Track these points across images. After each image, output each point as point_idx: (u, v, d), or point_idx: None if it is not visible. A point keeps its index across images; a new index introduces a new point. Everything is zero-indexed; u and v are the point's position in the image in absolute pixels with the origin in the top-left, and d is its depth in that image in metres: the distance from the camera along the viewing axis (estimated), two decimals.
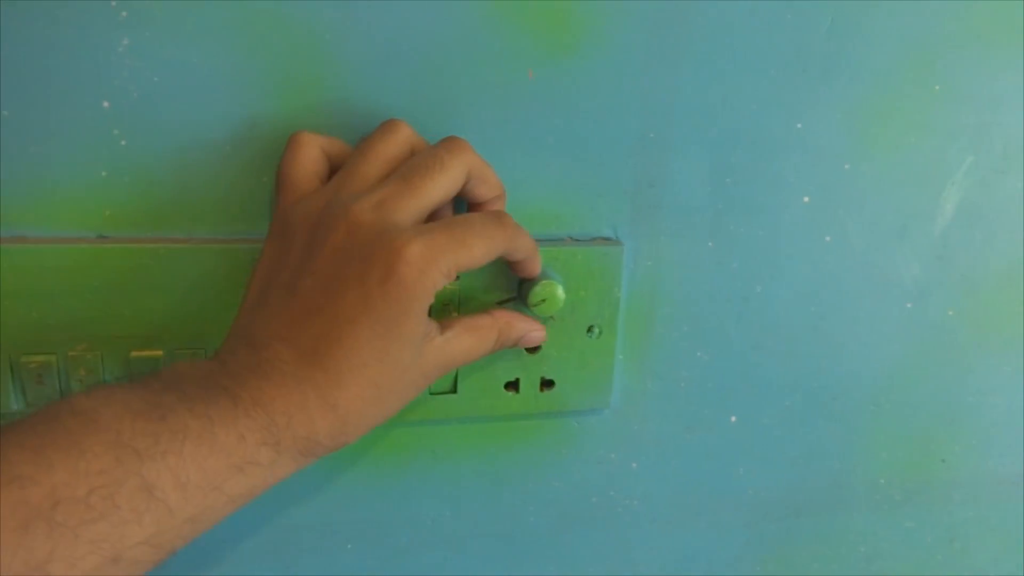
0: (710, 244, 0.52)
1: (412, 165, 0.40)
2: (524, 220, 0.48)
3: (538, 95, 0.46)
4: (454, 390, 0.50)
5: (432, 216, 0.42)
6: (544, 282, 0.46)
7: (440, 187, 0.40)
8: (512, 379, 0.50)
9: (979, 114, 0.53)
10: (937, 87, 0.52)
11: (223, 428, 0.35)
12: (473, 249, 0.39)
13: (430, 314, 0.40)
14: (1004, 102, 0.54)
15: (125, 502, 0.32)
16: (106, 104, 0.42)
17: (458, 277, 0.45)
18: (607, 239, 0.50)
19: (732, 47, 0.48)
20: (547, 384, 0.51)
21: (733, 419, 0.57)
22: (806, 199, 0.52)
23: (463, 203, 0.45)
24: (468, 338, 0.42)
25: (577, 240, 0.50)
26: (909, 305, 0.57)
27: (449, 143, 0.41)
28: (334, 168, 0.43)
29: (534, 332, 0.46)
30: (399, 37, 0.44)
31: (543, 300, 0.46)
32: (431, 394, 0.50)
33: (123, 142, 0.42)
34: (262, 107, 0.43)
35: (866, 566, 0.64)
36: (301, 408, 0.37)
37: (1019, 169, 0.55)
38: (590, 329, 0.50)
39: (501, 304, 0.47)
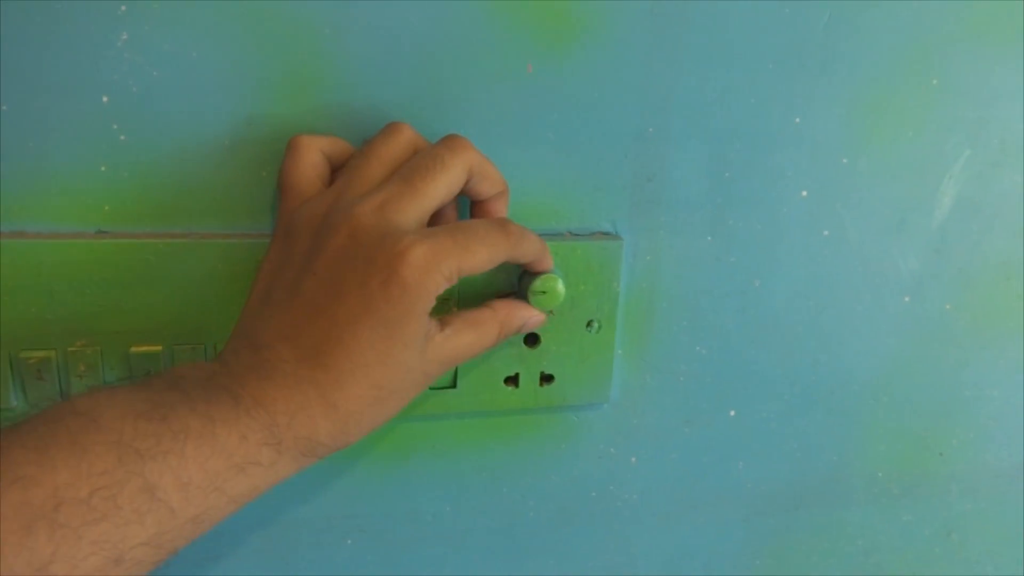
0: (709, 238, 0.52)
1: (413, 165, 0.40)
2: (523, 215, 0.48)
3: (537, 90, 0.46)
4: (454, 385, 0.50)
5: (436, 215, 0.42)
6: (544, 276, 0.46)
7: (442, 186, 0.40)
8: (512, 374, 0.50)
9: (977, 108, 0.54)
10: (935, 81, 0.52)
11: (224, 428, 0.35)
12: (476, 255, 0.39)
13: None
14: (1002, 96, 0.54)
15: (127, 503, 0.32)
16: (105, 99, 0.41)
17: None
18: (606, 234, 0.50)
19: (730, 42, 0.48)
20: (546, 379, 0.51)
21: (732, 413, 0.57)
22: (804, 193, 0.53)
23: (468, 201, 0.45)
24: (469, 333, 0.42)
25: (576, 235, 0.50)
26: (907, 299, 0.57)
27: (449, 141, 0.41)
28: (335, 168, 0.43)
29: (534, 318, 0.46)
30: (398, 32, 0.44)
31: (543, 293, 0.46)
32: (431, 389, 0.50)
33: (122, 137, 0.42)
34: (261, 102, 0.43)
35: (864, 559, 0.64)
36: (302, 408, 0.37)
37: (1016, 163, 0.55)
38: (589, 323, 0.50)
39: (500, 297, 0.47)
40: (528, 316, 0.46)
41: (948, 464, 0.63)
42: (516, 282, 0.48)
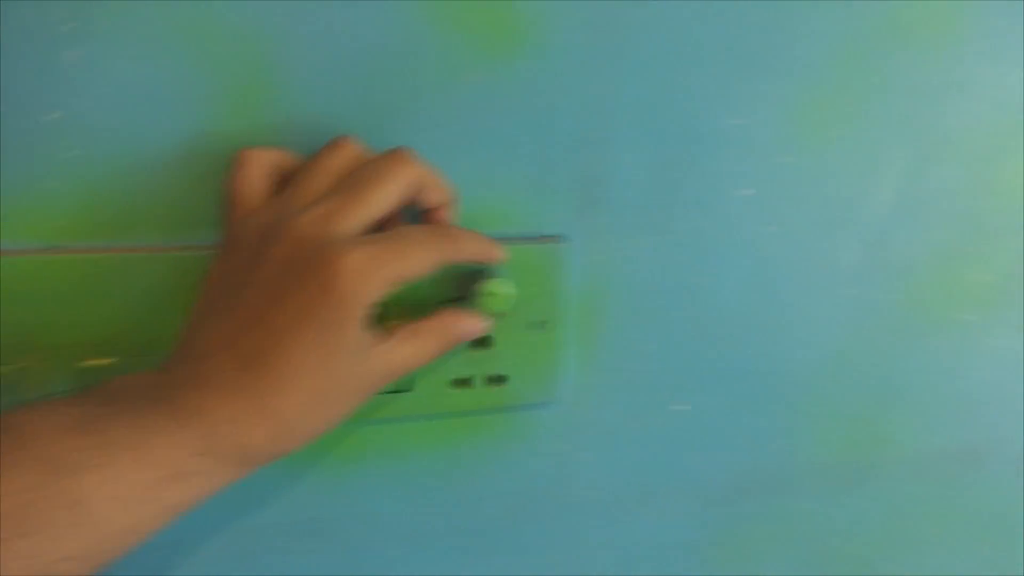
0: (656, 238, 0.53)
1: (355, 177, 0.41)
2: (470, 220, 0.49)
3: (481, 96, 0.47)
4: (408, 388, 0.50)
5: (383, 226, 0.42)
6: (492, 280, 0.46)
7: (384, 197, 0.41)
8: (464, 376, 0.51)
9: (915, 105, 0.55)
10: (874, 79, 0.53)
11: (160, 439, 0.35)
12: (413, 260, 0.40)
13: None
14: (939, 93, 0.55)
15: (54, 517, 0.32)
16: (55, 115, 0.42)
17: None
18: (553, 236, 0.51)
19: (670, 44, 0.49)
20: (498, 380, 0.52)
21: (681, 407, 0.58)
22: (748, 191, 0.54)
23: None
24: (411, 344, 0.43)
25: (524, 238, 0.50)
26: (851, 291, 0.58)
27: (393, 153, 0.42)
28: (282, 181, 0.44)
29: (477, 326, 0.46)
30: (342, 43, 0.44)
31: (492, 295, 0.46)
32: (385, 393, 0.50)
33: (70, 153, 0.42)
34: (208, 117, 0.44)
35: (818, 545, 0.65)
36: (240, 417, 0.37)
37: (954, 157, 0.56)
38: (538, 324, 0.51)
39: (452, 303, 0.48)
40: (470, 325, 0.46)
41: (896, 449, 0.64)
42: (460, 286, 0.48)
